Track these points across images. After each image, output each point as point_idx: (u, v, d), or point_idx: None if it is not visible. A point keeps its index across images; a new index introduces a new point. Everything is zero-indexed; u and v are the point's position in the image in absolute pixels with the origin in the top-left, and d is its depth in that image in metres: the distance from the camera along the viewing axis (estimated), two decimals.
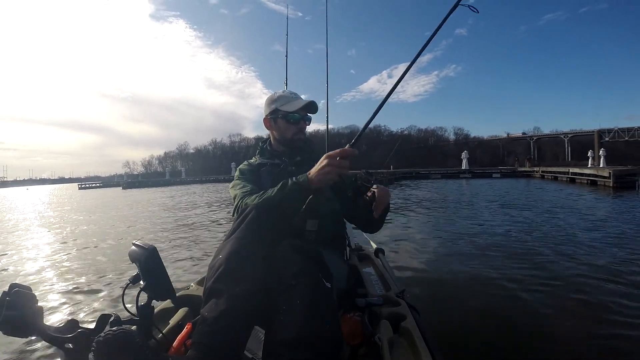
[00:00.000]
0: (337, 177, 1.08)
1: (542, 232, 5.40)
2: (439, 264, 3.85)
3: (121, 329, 0.78)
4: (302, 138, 1.47)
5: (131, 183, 39.67)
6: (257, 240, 1.00)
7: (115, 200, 17.24)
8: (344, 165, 1.06)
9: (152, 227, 7.40)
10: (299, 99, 1.45)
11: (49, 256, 4.68)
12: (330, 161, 1.06)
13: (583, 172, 17.72)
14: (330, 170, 1.06)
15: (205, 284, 0.95)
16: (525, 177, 24.34)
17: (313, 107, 1.44)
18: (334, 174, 1.06)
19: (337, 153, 1.06)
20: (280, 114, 1.42)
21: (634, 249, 4.16)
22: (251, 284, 0.91)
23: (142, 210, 11.36)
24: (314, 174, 1.09)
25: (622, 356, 2.01)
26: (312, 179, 1.09)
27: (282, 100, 1.43)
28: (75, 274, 3.73)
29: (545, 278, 3.22)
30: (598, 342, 2.12)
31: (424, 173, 30.39)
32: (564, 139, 49.74)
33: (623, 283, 3.01)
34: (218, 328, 0.83)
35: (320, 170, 1.07)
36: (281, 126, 1.44)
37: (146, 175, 65.18)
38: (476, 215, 7.46)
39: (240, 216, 1.05)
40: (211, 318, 0.84)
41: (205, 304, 0.89)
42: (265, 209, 1.07)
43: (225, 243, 1.01)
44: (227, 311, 0.85)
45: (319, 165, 1.08)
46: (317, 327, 0.84)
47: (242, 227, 1.02)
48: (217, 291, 0.89)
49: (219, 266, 0.93)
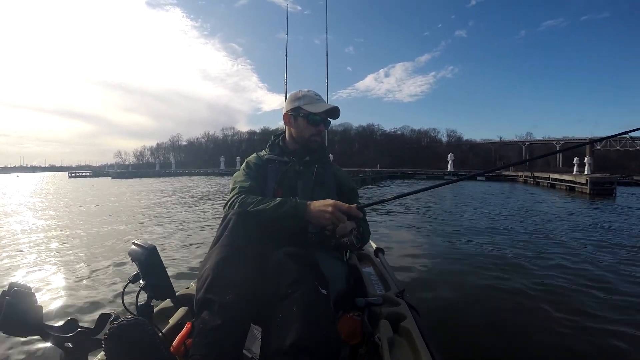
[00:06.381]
0: (330, 225, 1.14)
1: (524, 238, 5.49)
2: (439, 264, 3.89)
3: (135, 317, 0.80)
4: (318, 140, 1.46)
5: (121, 173, 39.20)
6: (243, 246, 1.00)
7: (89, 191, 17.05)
8: (342, 219, 1.13)
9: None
10: (323, 102, 1.46)
11: (48, 255, 4.59)
12: (335, 210, 1.12)
13: (562, 178, 18.20)
14: (330, 217, 1.12)
15: (195, 295, 0.93)
16: (509, 182, 24.57)
17: (336, 112, 1.45)
18: (330, 222, 1.13)
19: (345, 209, 1.14)
20: (302, 112, 1.42)
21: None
22: (242, 291, 0.91)
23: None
24: (314, 210, 1.15)
25: (622, 356, 2.06)
26: (310, 211, 1.15)
27: (307, 100, 1.43)
28: (75, 273, 3.67)
29: (545, 278, 3.28)
30: (597, 342, 2.17)
31: (410, 173, 30.62)
32: (556, 145, 50.52)
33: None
34: (214, 339, 0.83)
35: (322, 211, 1.13)
36: (301, 125, 1.44)
37: (137, 166, 64.42)
38: (478, 217, 7.56)
39: (222, 224, 1.07)
40: (206, 330, 0.84)
41: (199, 316, 0.88)
42: (246, 214, 1.10)
43: (211, 252, 1.00)
44: (221, 322, 0.85)
45: (323, 206, 1.14)
46: (314, 333, 0.84)
47: (225, 234, 1.02)
48: (208, 301, 0.88)
49: (207, 276, 0.93)
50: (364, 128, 67.33)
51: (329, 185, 1.44)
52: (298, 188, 1.38)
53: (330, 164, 1.54)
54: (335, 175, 1.50)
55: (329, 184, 1.45)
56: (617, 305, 2.74)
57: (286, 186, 1.37)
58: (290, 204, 1.17)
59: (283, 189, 1.36)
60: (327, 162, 1.53)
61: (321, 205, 1.14)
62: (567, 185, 16.93)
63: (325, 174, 1.46)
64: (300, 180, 1.40)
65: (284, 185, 1.37)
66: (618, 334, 2.27)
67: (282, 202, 1.18)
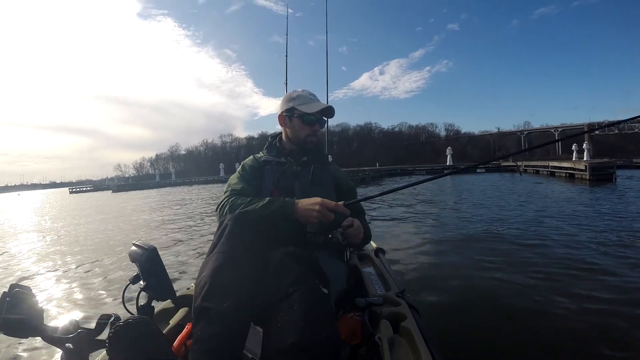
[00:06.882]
0: (317, 222, 1.15)
1: (534, 229, 5.50)
2: (439, 264, 3.86)
3: (140, 316, 0.81)
4: (314, 140, 1.46)
5: (121, 186, 39.31)
6: (240, 252, 0.99)
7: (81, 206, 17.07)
8: (329, 217, 1.14)
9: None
10: (318, 102, 1.44)
11: (48, 257, 4.61)
12: (321, 207, 1.13)
13: (562, 165, 17.94)
14: (317, 215, 1.13)
15: (193, 302, 0.93)
16: (509, 172, 24.39)
17: (330, 111, 1.44)
18: (317, 219, 1.13)
19: (333, 206, 1.14)
20: (297, 113, 1.41)
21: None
22: (239, 297, 0.91)
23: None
24: (301, 207, 1.15)
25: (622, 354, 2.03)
26: (298, 209, 1.15)
27: (301, 100, 1.42)
28: (76, 274, 3.68)
29: (545, 278, 3.23)
30: (598, 342, 2.13)
31: (409, 170, 30.45)
32: (555, 132, 50.44)
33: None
34: (212, 347, 0.83)
35: (309, 208, 1.14)
36: (295, 125, 1.43)
37: (136, 178, 64.56)
38: (478, 213, 7.54)
39: (218, 230, 1.06)
40: (204, 337, 0.84)
41: (197, 324, 0.88)
42: (242, 220, 1.09)
43: (208, 259, 1.00)
44: (219, 330, 0.85)
45: (310, 204, 1.15)
46: (315, 333, 0.84)
47: (222, 241, 1.01)
48: (206, 310, 0.88)
49: (204, 284, 0.92)
50: (361, 127, 67.50)
51: (326, 185, 1.43)
52: (295, 189, 1.36)
53: (328, 163, 1.53)
54: (333, 175, 1.49)
55: (326, 183, 1.43)
56: (622, 300, 2.66)
57: (283, 187, 1.36)
58: (279, 203, 1.17)
59: (280, 190, 1.35)
60: (324, 161, 1.52)
61: (308, 204, 1.15)
62: (566, 172, 16.68)
63: (322, 174, 1.44)
64: (297, 181, 1.39)
65: (280, 187, 1.36)
66: (623, 329, 2.23)
67: (270, 201, 1.19)
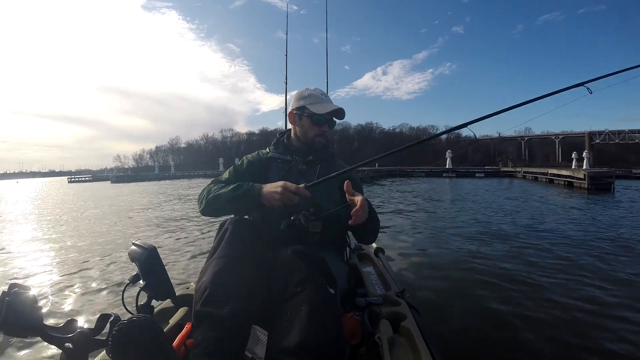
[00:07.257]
0: (281, 205, 1.14)
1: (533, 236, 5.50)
2: (439, 264, 3.86)
3: (144, 315, 0.81)
4: (322, 141, 1.46)
5: (120, 177, 39.09)
6: (240, 256, 0.99)
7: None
8: (292, 199, 1.13)
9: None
10: (329, 103, 1.44)
11: (48, 256, 4.59)
12: (283, 190, 1.13)
13: (560, 173, 17.84)
14: (279, 198, 1.13)
15: (193, 306, 0.94)
16: (508, 177, 24.41)
17: (341, 113, 1.44)
18: (280, 202, 1.13)
19: (294, 189, 1.14)
20: (307, 112, 1.41)
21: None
22: (240, 301, 0.91)
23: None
24: (266, 192, 1.16)
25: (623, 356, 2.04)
26: (262, 193, 1.16)
27: (312, 99, 1.42)
28: (75, 273, 3.67)
29: (546, 277, 3.27)
30: (597, 342, 2.15)
31: (408, 171, 30.43)
32: (555, 139, 50.39)
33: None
34: (213, 351, 0.83)
35: (272, 192, 1.14)
36: (305, 124, 1.43)
37: (136, 169, 64.30)
38: (477, 215, 7.54)
39: (219, 233, 1.07)
40: (204, 342, 0.84)
41: (197, 328, 0.88)
42: (242, 222, 1.10)
43: (209, 264, 1.00)
44: (219, 334, 0.85)
45: (273, 188, 1.15)
46: (321, 333, 0.84)
47: (222, 246, 1.02)
48: (206, 315, 0.88)
49: (204, 289, 0.93)
50: (362, 127, 67.21)
51: (331, 185, 1.41)
52: None
53: (334, 161, 1.53)
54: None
55: (331, 183, 1.41)
56: (621, 305, 2.68)
57: None
58: (246, 187, 1.20)
59: None
60: (331, 160, 1.52)
61: (271, 187, 1.15)
62: (565, 180, 16.60)
63: (328, 174, 1.43)
64: (302, 179, 1.37)
65: None
66: (621, 333, 2.23)
67: (238, 185, 1.22)
